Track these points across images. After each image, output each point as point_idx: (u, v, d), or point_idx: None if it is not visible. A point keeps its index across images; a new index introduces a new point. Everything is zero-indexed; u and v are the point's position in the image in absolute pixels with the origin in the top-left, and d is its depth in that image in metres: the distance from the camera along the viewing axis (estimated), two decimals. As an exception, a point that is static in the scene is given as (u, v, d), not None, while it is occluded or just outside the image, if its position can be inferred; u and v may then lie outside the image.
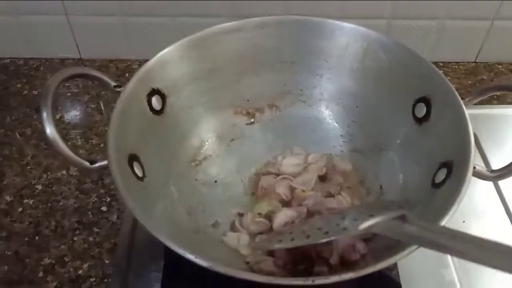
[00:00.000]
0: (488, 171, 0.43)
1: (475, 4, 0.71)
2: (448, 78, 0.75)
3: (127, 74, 0.76)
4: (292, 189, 0.50)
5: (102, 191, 0.59)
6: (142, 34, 0.74)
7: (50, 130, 0.41)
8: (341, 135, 0.57)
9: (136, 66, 0.77)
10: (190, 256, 0.34)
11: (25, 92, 0.73)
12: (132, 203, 0.37)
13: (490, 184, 0.58)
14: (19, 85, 0.74)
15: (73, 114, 0.70)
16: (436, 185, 0.44)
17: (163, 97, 0.50)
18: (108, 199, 0.58)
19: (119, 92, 0.46)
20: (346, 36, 0.53)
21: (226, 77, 0.55)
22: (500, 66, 0.79)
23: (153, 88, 0.49)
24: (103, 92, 0.72)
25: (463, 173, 0.40)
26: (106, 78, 0.47)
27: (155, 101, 0.49)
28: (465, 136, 0.42)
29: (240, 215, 0.50)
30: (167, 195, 0.48)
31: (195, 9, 0.70)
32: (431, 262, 0.51)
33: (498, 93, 0.48)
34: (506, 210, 0.55)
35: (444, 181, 0.43)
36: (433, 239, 0.34)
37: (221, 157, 0.56)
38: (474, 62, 0.79)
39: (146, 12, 0.71)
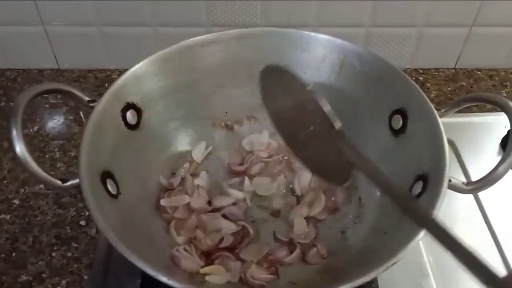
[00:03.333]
0: (464, 184, 0.43)
1: (453, 11, 0.71)
2: (428, 84, 0.77)
3: (106, 84, 0.75)
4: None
5: (80, 205, 0.58)
6: (121, 44, 0.73)
7: (20, 148, 0.40)
8: (319, 146, 0.57)
9: (115, 76, 0.76)
10: (163, 279, 0.34)
11: (2, 103, 0.72)
12: (104, 224, 0.37)
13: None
14: (-5, 97, 0.73)
15: (51, 126, 0.69)
16: (412, 199, 0.44)
17: (138, 111, 0.50)
18: (87, 213, 0.57)
19: (93, 107, 0.46)
20: (323, 47, 0.53)
21: (203, 90, 0.55)
22: (479, 72, 0.79)
23: (127, 103, 0.48)
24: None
25: (438, 186, 0.40)
26: (79, 93, 0.46)
27: (130, 116, 0.49)
28: (440, 149, 0.42)
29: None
30: (142, 212, 0.48)
31: (175, 19, 0.70)
32: (411, 273, 0.51)
33: (473, 104, 0.48)
34: (485, 220, 0.56)
35: (420, 194, 0.43)
36: None
37: (199, 170, 0.55)
38: (453, 68, 0.80)
39: (125, 21, 0.71)
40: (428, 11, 0.71)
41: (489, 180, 0.41)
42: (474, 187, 0.43)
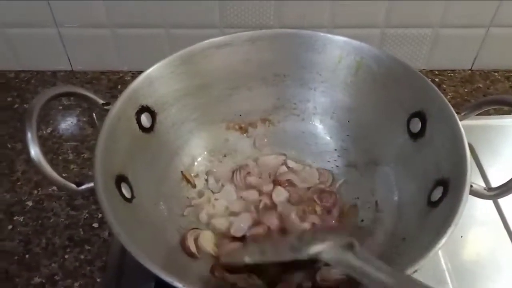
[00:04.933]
0: (485, 189, 0.42)
1: (470, 11, 0.70)
2: (444, 86, 0.75)
3: (119, 86, 0.75)
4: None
5: (93, 207, 0.58)
6: (134, 46, 0.73)
7: (34, 151, 0.40)
8: (335, 149, 0.56)
9: (128, 78, 0.76)
10: (179, 285, 0.34)
11: (16, 105, 0.72)
12: (118, 228, 0.36)
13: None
14: (9, 99, 0.73)
15: (65, 128, 0.69)
16: (432, 204, 0.43)
17: (152, 114, 0.49)
18: (100, 215, 0.57)
19: (107, 110, 0.45)
20: (339, 49, 0.52)
21: (217, 92, 0.54)
22: (496, 74, 0.78)
23: (142, 106, 0.48)
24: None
25: (459, 192, 0.39)
26: (93, 96, 0.46)
27: (145, 119, 0.49)
28: (461, 154, 0.41)
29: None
30: (157, 215, 0.47)
31: (188, 20, 0.70)
32: (429, 280, 0.49)
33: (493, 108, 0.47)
34: (504, 225, 0.54)
35: (440, 199, 0.42)
36: (373, 274, 0.33)
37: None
38: (470, 70, 0.78)
39: (138, 23, 0.70)
40: (444, 11, 0.70)
41: (511, 185, 0.40)
42: (496, 193, 0.42)
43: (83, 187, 0.41)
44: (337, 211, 0.51)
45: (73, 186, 0.41)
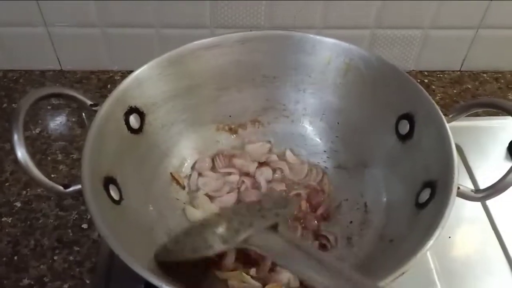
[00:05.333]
0: (472, 191, 0.42)
1: (459, 13, 0.70)
2: (433, 87, 0.76)
3: (109, 86, 0.74)
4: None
5: (82, 207, 0.58)
6: (124, 45, 0.73)
7: (21, 153, 0.40)
8: (325, 151, 0.56)
9: (118, 78, 0.75)
10: (166, 288, 0.33)
11: (4, 105, 0.71)
12: (106, 231, 0.36)
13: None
14: (-3, 98, 0.72)
15: (54, 128, 0.68)
16: (420, 206, 0.43)
17: (141, 115, 0.49)
18: (89, 216, 0.57)
19: (96, 111, 0.45)
20: (328, 51, 0.52)
21: (207, 93, 0.54)
22: (485, 75, 0.78)
23: (130, 107, 0.48)
24: (84, 105, 0.70)
25: (446, 195, 0.39)
26: (81, 97, 0.46)
27: (133, 120, 0.48)
28: (448, 156, 0.42)
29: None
30: (146, 217, 0.47)
31: (178, 20, 0.69)
32: (417, 281, 0.50)
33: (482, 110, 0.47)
34: (492, 226, 0.55)
35: (428, 201, 0.42)
36: (296, 254, 0.33)
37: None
38: (459, 71, 0.79)
39: (128, 22, 0.70)
40: (434, 12, 0.70)
41: (498, 187, 0.41)
42: (484, 195, 0.42)
43: (71, 189, 0.41)
44: (322, 210, 0.51)
45: (61, 188, 0.41)
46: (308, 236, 0.49)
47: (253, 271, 0.46)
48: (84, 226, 0.56)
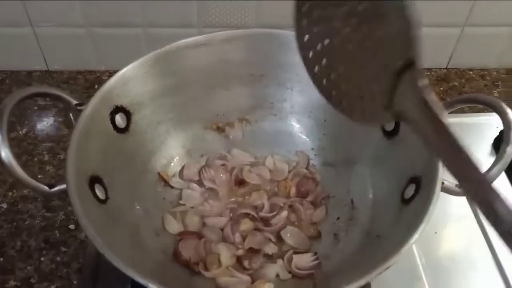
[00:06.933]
0: (457, 186, 0.42)
1: (445, 11, 0.71)
2: (421, 85, 0.76)
3: (96, 86, 0.74)
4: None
5: (69, 208, 0.57)
6: (111, 45, 0.72)
7: (5, 153, 0.39)
8: (312, 148, 0.57)
9: (105, 78, 0.75)
10: (153, 287, 0.33)
11: (-10, 106, 0.71)
12: (92, 230, 0.36)
13: (461, 194, 0.58)
14: (-17, 99, 0.72)
15: (40, 128, 0.68)
16: (405, 201, 0.43)
17: (127, 114, 0.49)
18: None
19: (81, 111, 0.45)
20: (314, 49, 0.52)
21: (194, 92, 0.54)
22: (471, 72, 0.79)
23: (116, 106, 0.48)
24: (71, 105, 0.70)
25: (431, 190, 0.40)
26: (66, 97, 0.46)
27: (119, 119, 0.48)
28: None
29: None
30: (133, 216, 0.47)
31: (166, 19, 0.69)
32: (404, 275, 0.50)
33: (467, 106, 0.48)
34: (477, 221, 0.55)
35: (413, 197, 0.43)
36: None
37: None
38: (445, 68, 0.80)
39: (115, 22, 0.70)
40: (420, 11, 0.70)
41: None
42: (467, 190, 0.42)
43: (56, 188, 0.41)
44: (312, 197, 0.52)
45: (45, 188, 0.41)
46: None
47: (246, 262, 0.46)
48: (71, 226, 0.56)
